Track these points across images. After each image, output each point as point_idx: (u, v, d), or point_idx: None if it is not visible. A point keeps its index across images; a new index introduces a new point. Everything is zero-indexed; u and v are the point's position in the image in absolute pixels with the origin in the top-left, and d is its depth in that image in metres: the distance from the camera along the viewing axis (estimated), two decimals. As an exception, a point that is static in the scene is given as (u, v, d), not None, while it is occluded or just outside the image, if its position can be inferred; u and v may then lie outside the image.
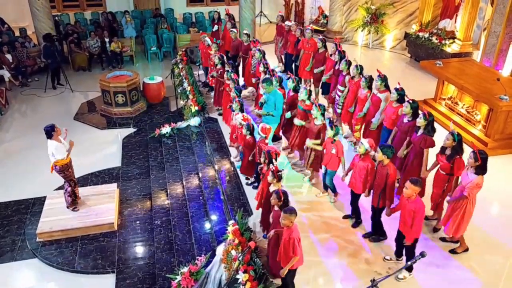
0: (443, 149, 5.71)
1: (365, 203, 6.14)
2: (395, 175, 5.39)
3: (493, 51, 9.95)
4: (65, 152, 6.60)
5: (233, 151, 8.00)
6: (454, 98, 9.05)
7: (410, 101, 6.27)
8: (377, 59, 13.19)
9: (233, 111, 7.36)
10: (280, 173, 5.42)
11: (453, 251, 5.71)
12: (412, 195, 4.83)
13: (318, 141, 6.58)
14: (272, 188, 5.40)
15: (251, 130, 6.61)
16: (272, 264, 5.17)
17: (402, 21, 13.59)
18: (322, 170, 6.67)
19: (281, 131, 8.12)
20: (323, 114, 6.61)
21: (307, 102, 7.00)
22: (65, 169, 6.75)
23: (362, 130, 7.67)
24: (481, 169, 5.17)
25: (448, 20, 11.99)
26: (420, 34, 12.33)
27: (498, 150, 7.84)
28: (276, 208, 5.02)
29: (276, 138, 8.20)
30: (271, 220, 5.29)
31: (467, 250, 5.69)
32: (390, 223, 5.73)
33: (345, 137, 8.19)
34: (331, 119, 6.24)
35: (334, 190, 6.65)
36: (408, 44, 13.11)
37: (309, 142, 6.68)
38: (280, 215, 4.86)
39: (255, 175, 6.99)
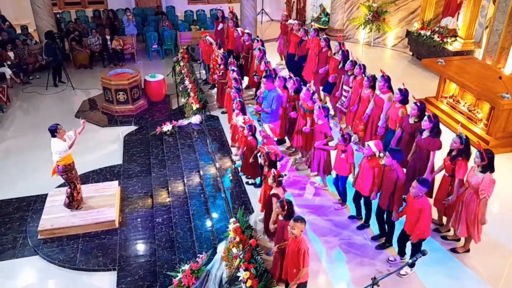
0: (450, 151, 5.68)
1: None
2: (404, 179, 5.33)
3: (495, 49, 9.92)
4: (67, 148, 6.52)
5: (234, 149, 8.00)
6: (455, 96, 9.03)
7: (418, 103, 6.23)
8: (379, 57, 13.16)
9: (233, 111, 7.35)
10: (281, 178, 5.34)
11: (454, 250, 5.71)
12: (419, 194, 4.81)
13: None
14: (273, 191, 5.35)
15: (252, 131, 6.59)
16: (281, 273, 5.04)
17: (403, 19, 13.56)
18: (333, 175, 6.63)
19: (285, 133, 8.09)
20: (326, 116, 6.57)
21: (309, 104, 6.97)
22: (68, 170, 6.72)
23: (368, 133, 7.57)
24: (488, 168, 5.15)
25: (450, 18, 11.95)
26: (422, 32, 12.29)
27: (500, 149, 7.83)
28: (280, 217, 4.90)
29: (280, 142, 8.17)
30: (271, 226, 5.23)
31: (468, 251, 5.68)
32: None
33: (353, 141, 8.11)
34: (343, 132, 6.11)
35: (344, 199, 6.56)
36: (409, 42, 13.07)
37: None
38: (284, 226, 4.76)
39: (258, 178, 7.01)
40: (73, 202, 7.04)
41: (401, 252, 5.50)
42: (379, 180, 5.55)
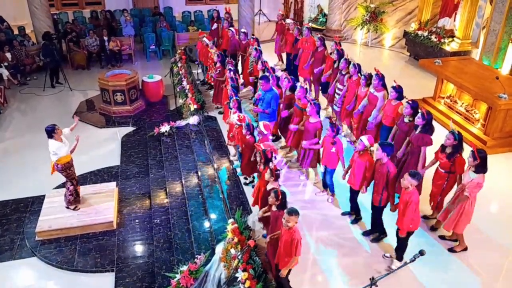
0: (443, 147, 5.71)
1: (364, 200, 6.14)
2: (395, 172, 5.38)
3: (492, 49, 9.96)
4: (68, 149, 6.54)
5: (232, 150, 7.99)
6: (453, 96, 9.05)
7: (410, 102, 6.26)
8: (376, 58, 13.19)
9: (230, 109, 7.35)
10: (278, 172, 5.39)
11: (451, 250, 5.72)
12: (408, 186, 4.87)
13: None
14: (269, 186, 5.38)
15: (251, 129, 6.60)
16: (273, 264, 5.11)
17: (401, 20, 13.59)
18: (321, 169, 6.67)
19: (278, 130, 8.11)
20: (318, 112, 6.59)
21: (303, 101, 6.98)
22: (67, 168, 6.72)
23: (360, 128, 7.65)
24: (481, 168, 5.18)
25: (447, 18, 11.99)
26: (419, 32, 12.32)
27: (497, 149, 7.85)
28: (274, 208, 4.97)
29: (276, 138, 8.19)
30: (260, 213, 5.28)
31: (465, 249, 5.69)
32: (390, 221, 5.73)
33: (344, 136, 8.19)
34: (332, 120, 6.18)
35: (332, 190, 6.63)
36: (407, 43, 13.11)
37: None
38: (277, 216, 4.83)
39: (253, 176, 7.00)
40: (78, 198, 7.03)
41: (398, 250, 5.50)
42: (370, 174, 5.60)
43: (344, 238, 5.98)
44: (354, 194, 6.05)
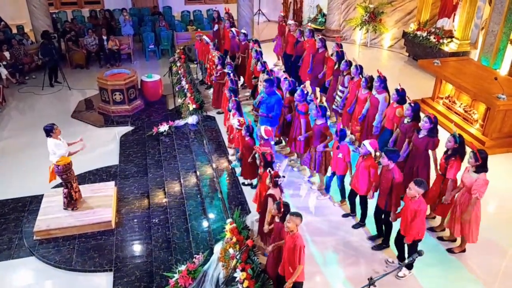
0: (447, 150, 5.71)
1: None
2: (401, 179, 5.29)
3: (491, 50, 9.97)
4: (66, 149, 6.50)
5: (230, 149, 7.99)
6: (451, 97, 9.06)
7: (412, 104, 6.25)
8: (375, 58, 13.20)
9: (230, 111, 7.34)
10: (277, 179, 5.29)
11: (450, 250, 5.72)
12: (415, 195, 4.81)
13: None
14: (269, 192, 5.34)
15: (250, 131, 6.58)
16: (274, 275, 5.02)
17: (400, 20, 13.60)
18: (329, 173, 6.64)
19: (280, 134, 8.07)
20: (324, 115, 6.56)
21: (303, 104, 6.97)
22: (67, 170, 6.69)
23: (365, 133, 7.58)
24: (482, 168, 5.17)
25: (446, 19, 12.00)
26: (418, 33, 12.33)
27: (496, 149, 7.86)
28: (276, 219, 4.88)
29: (277, 142, 8.17)
30: (266, 227, 5.23)
31: (464, 251, 5.70)
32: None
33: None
34: (339, 127, 6.14)
35: (343, 196, 6.57)
36: (406, 43, 13.12)
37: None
38: (280, 227, 4.74)
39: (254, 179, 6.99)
40: (72, 201, 7.01)
41: (400, 256, 5.45)
42: (376, 180, 5.56)
43: (343, 239, 5.98)
44: (361, 199, 5.96)
